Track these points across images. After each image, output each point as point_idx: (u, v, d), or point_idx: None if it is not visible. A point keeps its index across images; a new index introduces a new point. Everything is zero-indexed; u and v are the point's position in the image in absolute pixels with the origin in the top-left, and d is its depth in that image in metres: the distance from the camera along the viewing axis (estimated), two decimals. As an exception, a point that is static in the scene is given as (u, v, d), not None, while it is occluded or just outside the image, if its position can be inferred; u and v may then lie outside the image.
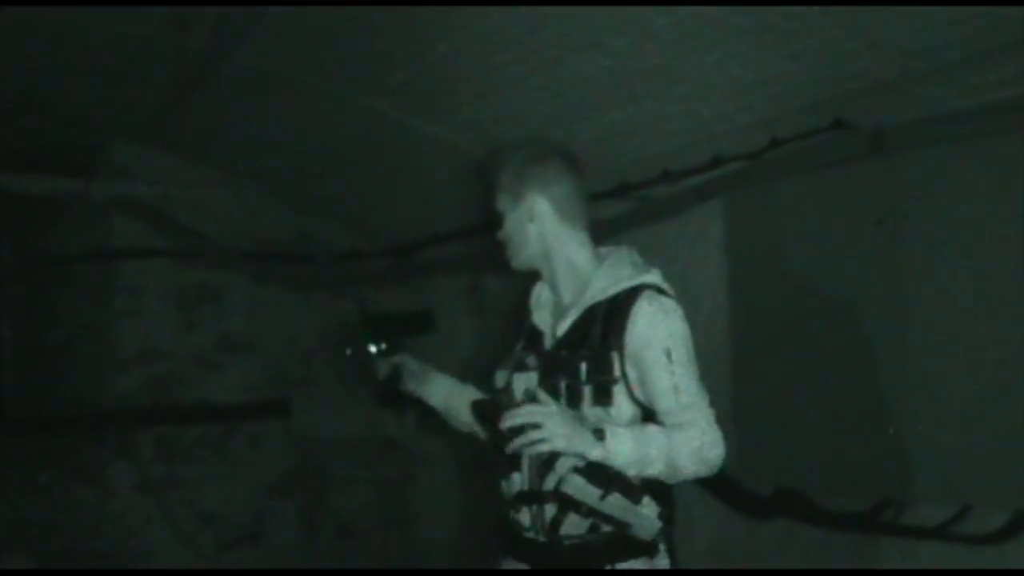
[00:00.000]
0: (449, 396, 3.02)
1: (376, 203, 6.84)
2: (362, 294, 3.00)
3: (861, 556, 4.22)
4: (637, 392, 2.60)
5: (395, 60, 4.86)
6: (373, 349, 2.95)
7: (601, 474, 2.55)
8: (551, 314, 2.81)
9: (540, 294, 2.87)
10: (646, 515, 2.61)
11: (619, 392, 2.59)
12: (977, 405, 3.71)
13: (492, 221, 2.83)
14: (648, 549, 2.64)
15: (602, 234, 5.10)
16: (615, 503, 2.58)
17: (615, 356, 2.58)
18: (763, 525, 4.69)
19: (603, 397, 2.58)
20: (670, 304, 2.65)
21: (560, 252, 2.77)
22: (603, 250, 2.82)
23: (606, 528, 2.60)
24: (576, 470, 2.57)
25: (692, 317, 4.84)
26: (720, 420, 2.60)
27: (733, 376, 4.72)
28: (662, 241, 5.15)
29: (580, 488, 2.58)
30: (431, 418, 3.07)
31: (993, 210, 3.63)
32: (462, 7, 4.08)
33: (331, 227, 7.58)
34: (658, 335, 2.57)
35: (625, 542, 2.62)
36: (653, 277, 2.68)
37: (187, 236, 7.10)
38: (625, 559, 2.62)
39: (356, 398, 7.13)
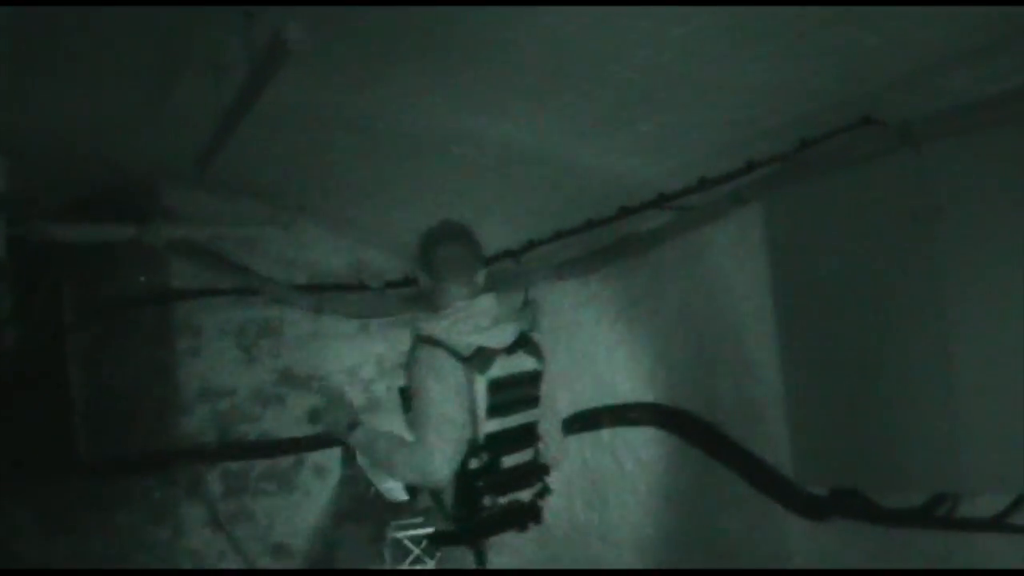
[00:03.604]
0: None
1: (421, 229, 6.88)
2: None
3: (918, 549, 4.18)
4: None
5: (432, 85, 4.90)
6: None
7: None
8: None
9: None
10: None
11: None
12: (1027, 393, 3.67)
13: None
14: None
15: (644, 245, 5.17)
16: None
17: None
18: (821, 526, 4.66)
19: None
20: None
21: None
22: None
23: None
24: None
25: (737, 320, 4.87)
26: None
27: (784, 377, 4.71)
28: (702, 247, 5.16)
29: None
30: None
31: (1026, 195, 3.60)
32: (491, 24, 4.09)
33: (383, 255, 7.69)
34: None
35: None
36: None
37: (243, 273, 7.26)
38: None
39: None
